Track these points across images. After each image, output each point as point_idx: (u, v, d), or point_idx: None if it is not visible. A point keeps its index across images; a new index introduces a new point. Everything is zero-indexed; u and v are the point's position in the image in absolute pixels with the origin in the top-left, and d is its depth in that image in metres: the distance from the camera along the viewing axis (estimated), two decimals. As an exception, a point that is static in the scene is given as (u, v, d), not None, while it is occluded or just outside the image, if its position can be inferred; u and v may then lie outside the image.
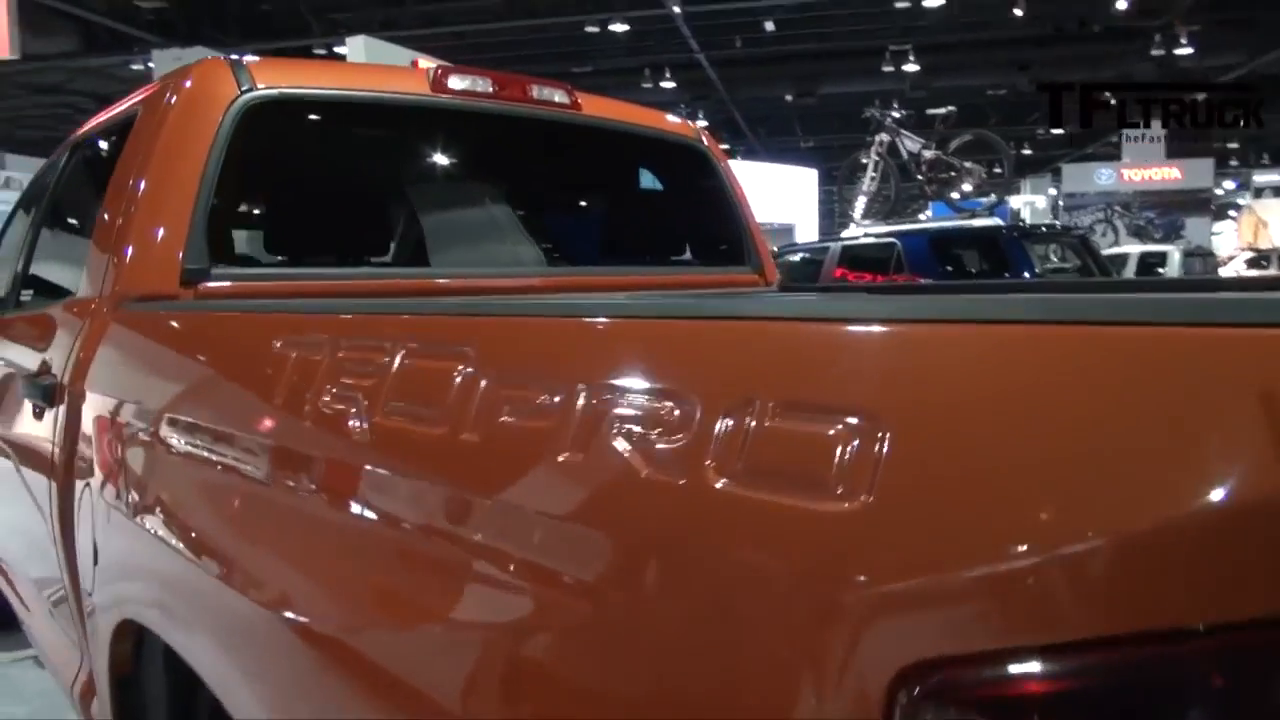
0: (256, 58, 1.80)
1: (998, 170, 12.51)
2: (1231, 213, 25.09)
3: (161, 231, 1.60)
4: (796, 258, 9.55)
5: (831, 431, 0.53)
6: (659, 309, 0.82)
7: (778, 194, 17.84)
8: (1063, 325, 0.52)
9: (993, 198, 10.95)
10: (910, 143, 10.40)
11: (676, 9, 12.80)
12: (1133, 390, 0.46)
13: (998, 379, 0.52)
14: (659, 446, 0.61)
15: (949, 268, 8.14)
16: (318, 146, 1.96)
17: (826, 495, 0.51)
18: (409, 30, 13.53)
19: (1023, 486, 0.46)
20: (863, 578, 0.49)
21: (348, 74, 1.89)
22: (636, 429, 0.62)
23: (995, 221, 9.71)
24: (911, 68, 15.80)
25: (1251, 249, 19.52)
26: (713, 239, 2.64)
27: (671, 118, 2.58)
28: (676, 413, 0.61)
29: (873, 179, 10.59)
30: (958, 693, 0.45)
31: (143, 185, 1.63)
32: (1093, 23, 15.53)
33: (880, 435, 0.51)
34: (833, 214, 23.22)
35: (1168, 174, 19.88)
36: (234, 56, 1.77)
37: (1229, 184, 25.38)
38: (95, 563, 1.33)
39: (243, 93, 1.70)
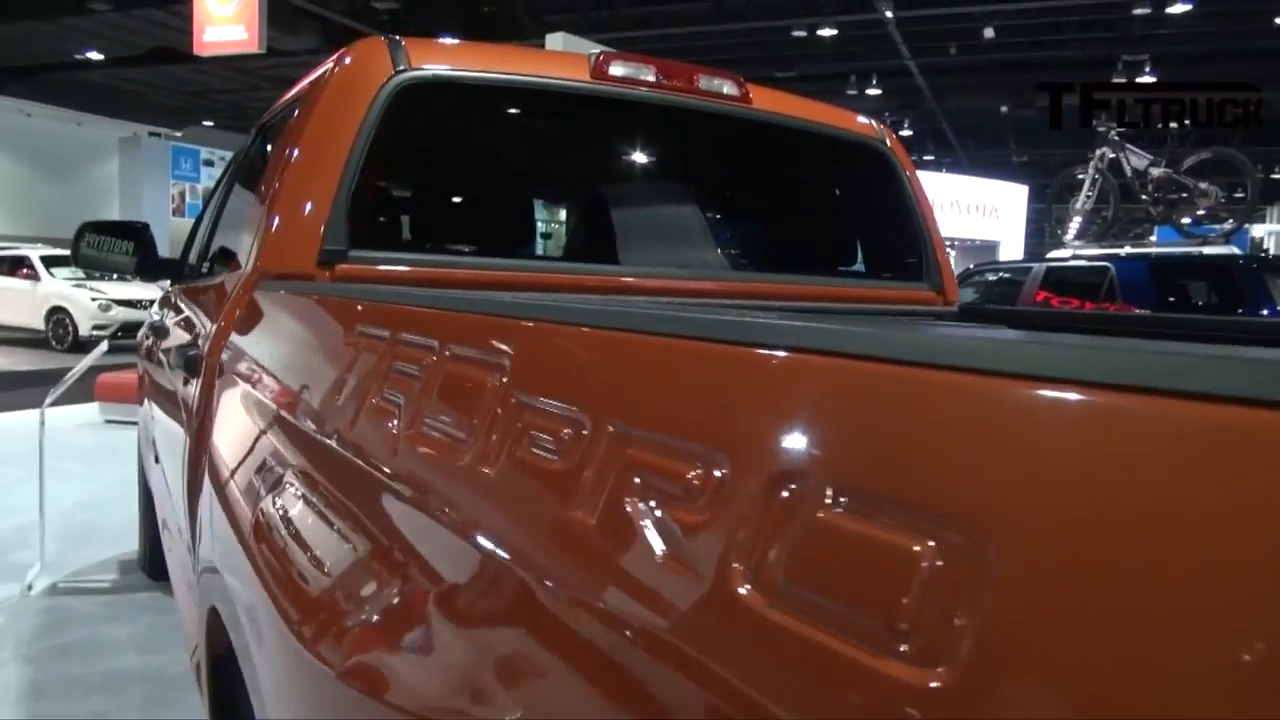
0: (417, 38, 1.76)
1: (1239, 194, 11.22)
2: None
3: (304, 210, 1.58)
4: (994, 277, 8.92)
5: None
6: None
7: (984, 209, 16.99)
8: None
9: (1230, 224, 9.76)
10: (1136, 159, 9.46)
11: (889, 14, 12.31)
12: None
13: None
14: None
15: (1171, 299, 7.33)
16: (472, 131, 1.91)
17: None
18: (619, 32, 13.78)
19: None
20: None
21: (507, 58, 1.82)
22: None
23: (1231, 250, 8.65)
24: (1147, 79, 14.49)
25: None
26: (892, 250, 2.42)
27: (856, 116, 2.37)
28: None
29: (1089, 197, 9.71)
30: None
31: (292, 163, 1.62)
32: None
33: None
34: (1042, 233, 21.79)
35: None
36: (395, 37, 1.74)
37: None
38: (198, 541, 1.32)
39: (397, 72, 1.67)
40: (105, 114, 23.43)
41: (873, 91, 16.82)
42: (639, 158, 2.16)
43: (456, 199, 1.84)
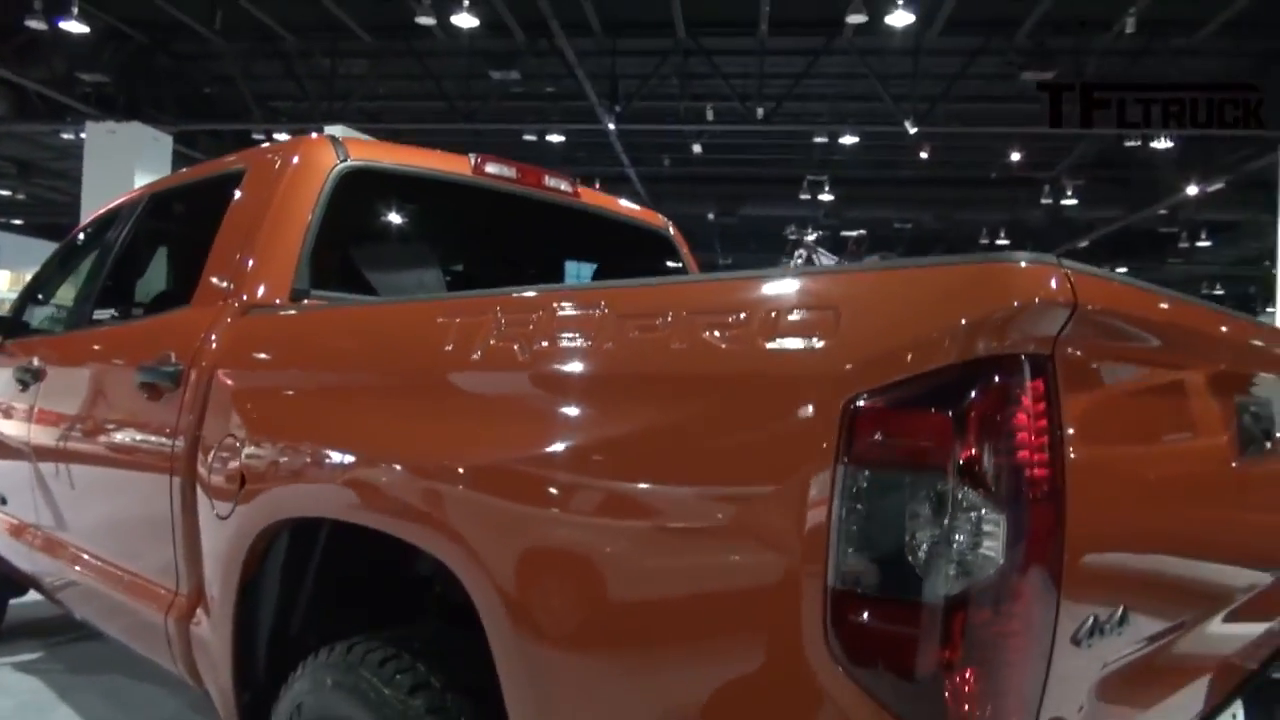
0: (351, 138, 2.34)
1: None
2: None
3: (279, 259, 2.10)
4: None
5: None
6: None
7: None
8: None
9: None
10: (825, 259, 11.40)
11: (611, 126, 13.80)
12: None
13: None
14: None
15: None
16: (389, 206, 2.51)
17: None
18: (352, 123, 13.96)
19: None
20: None
21: (415, 156, 2.46)
22: None
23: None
24: (827, 197, 17.21)
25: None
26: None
27: (650, 211, 3.20)
28: None
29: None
30: None
31: (264, 224, 2.14)
32: (990, 170, 17.34)
33: None
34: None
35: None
36: (331, 134, 2.31)
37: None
38: (242, 485, 1.76)
39: (340, 161, 2.24)
40: None
41: (597, 194, 18.34)
42: (490, 233, 2.84)
43: (380, 252, 2.42)
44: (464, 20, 11.05)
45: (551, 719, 1.24)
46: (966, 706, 0.94)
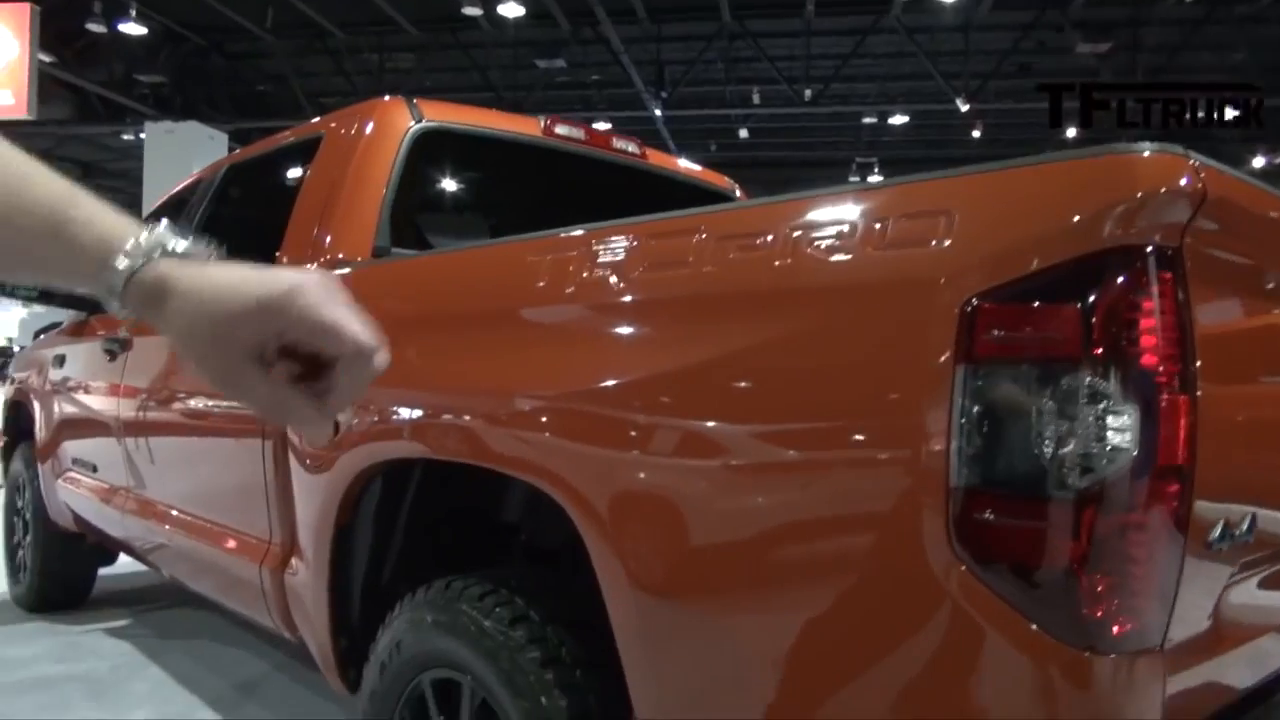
0: (425, 99, 2.37)
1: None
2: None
3: (361, 219, 2.13)
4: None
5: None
6: None
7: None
8: None
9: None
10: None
11: (657, 112, 13.78)
12: None
13: None
14: None
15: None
16: (463, 165, 2.54)
17: None
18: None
19: None
20: None
21: (486, 117, 2.49)
22: None
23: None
24: (876, 179, 17.00)
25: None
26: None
27: (715, 173, 3.18)
28: None
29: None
30: None
31: (345, 185, 2.17)
32: (1044, 146, 16.98)
33: None
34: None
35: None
36: (410, 98, 2.34)
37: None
38: (335, 431, 1.79)
39: (416, 122, 2.27)
40: None
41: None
42: (558, 193, 2.85)
43: (454, 210, 2.45)
44: (510, 10, 11.12)
45: (668, 653, 1.24)
46: (1098, 606, 0.93)
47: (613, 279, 1.37)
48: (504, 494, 1.90)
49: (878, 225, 1.09)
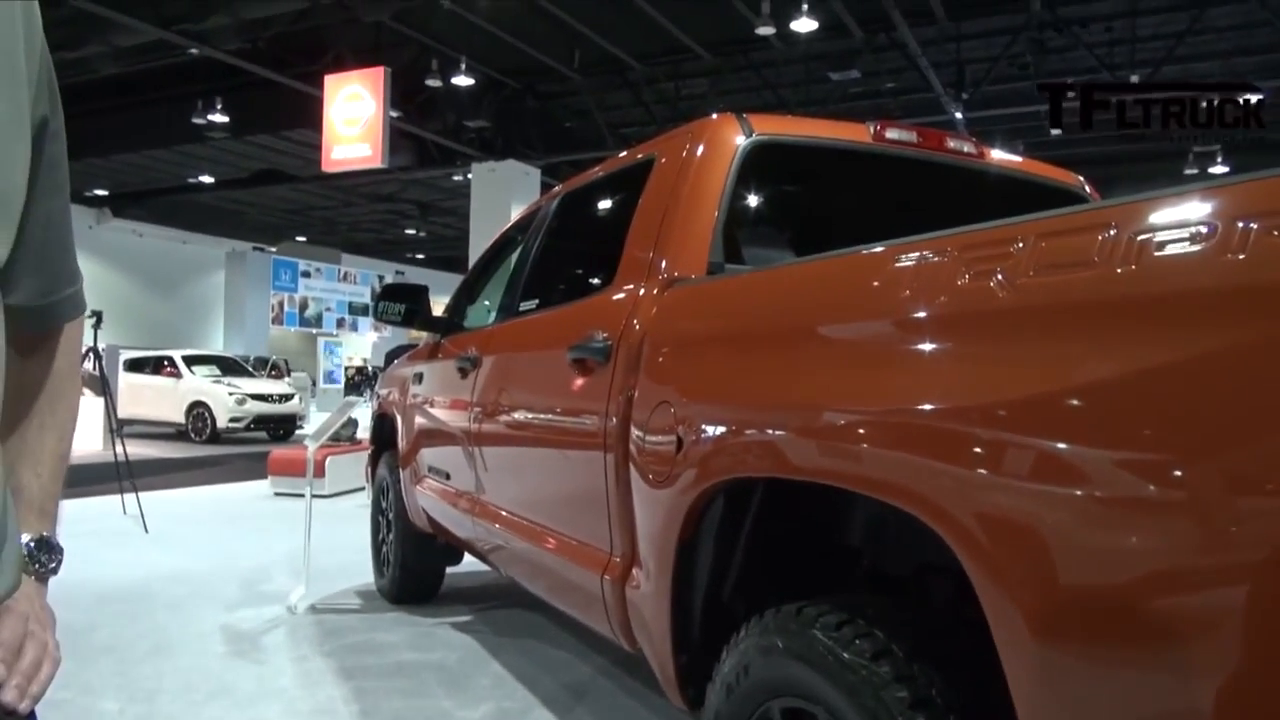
0: (753, 113, 2.36)
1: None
2: None
3: (695, 235, 2.15)
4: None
5: None
6: None
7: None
8: None
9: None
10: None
11: (958, 115, 13.08)
12: None
13: None
14: None
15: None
16: (794, 177, 2.51)
17: None
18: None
19: None
20: None
21: (814, 126, 2.43)
22: None
23: None
24: (1219, 169, 15.01)
25: None
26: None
27: (1061, 170, 2.90)
28: None
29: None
30: None
31: (680, 204, 2.20)
32: None
33: None
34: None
35: None
36: (740, 114, 2.34)
37: None
38: (679, 449, 1.81)
39: (747, 137, 2.26)
40: (207, 232, 25.21)
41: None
42: (895, 201, 2.72)
43: (787, 222, 2.43)
44: (803, 25, 11.05)
45: (1080, 708, 1.07)
46: None
47: (997, 285, 1.24)
48: (846, 517, 1.81)
49: None
